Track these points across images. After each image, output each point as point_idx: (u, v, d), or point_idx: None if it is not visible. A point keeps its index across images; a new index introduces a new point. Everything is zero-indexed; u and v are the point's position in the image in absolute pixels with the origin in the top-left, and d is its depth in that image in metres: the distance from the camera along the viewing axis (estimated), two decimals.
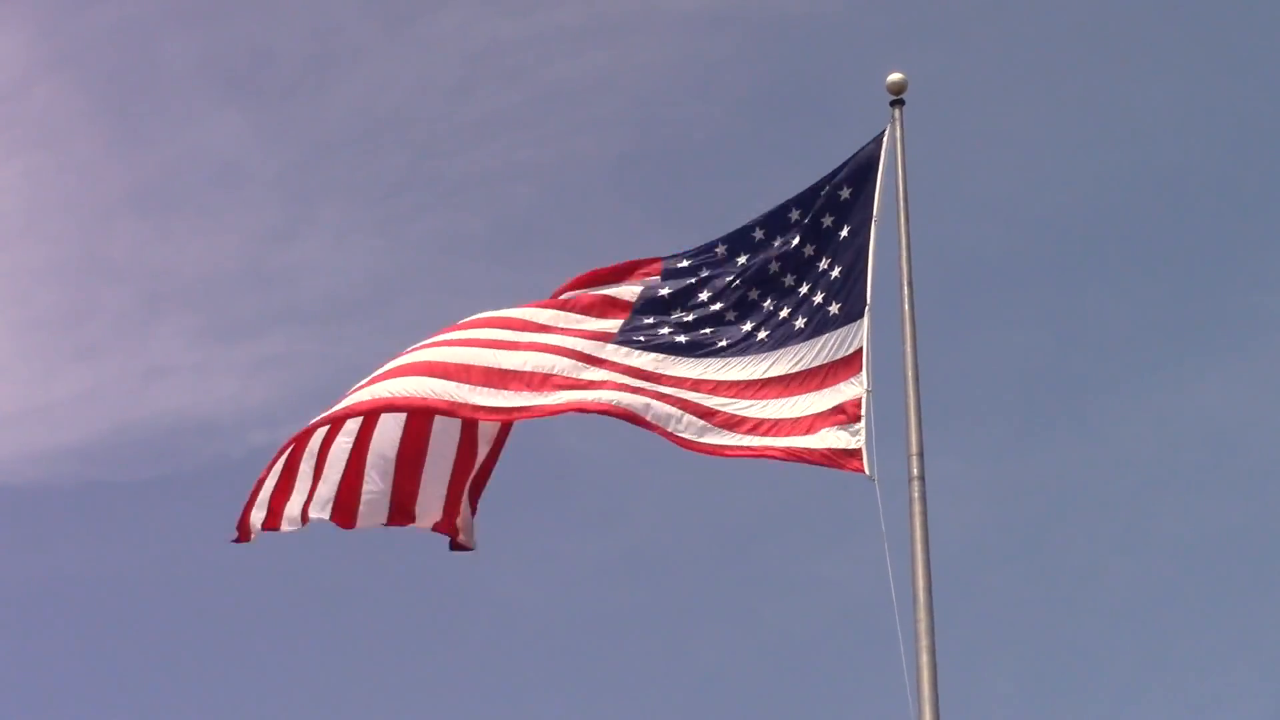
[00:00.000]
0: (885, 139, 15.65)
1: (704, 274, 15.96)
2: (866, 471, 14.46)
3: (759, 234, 15.98)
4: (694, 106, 38.58)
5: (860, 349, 14.99)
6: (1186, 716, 30.62)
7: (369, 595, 33.87)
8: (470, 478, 15.97)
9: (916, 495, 13.98)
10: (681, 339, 15.60)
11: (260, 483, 15.57)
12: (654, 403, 15.01)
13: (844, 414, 14.73)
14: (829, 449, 14.62)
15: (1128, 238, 37.23)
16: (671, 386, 15.21)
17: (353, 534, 15.86)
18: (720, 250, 16.03)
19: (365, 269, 37.20)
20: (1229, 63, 38.02)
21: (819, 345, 15.24)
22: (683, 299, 15.88)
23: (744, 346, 15.50)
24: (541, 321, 15.74)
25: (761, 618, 32.68)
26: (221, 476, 35.18)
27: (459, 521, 15.98)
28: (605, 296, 15.98)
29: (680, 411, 15.02)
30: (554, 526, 33.92)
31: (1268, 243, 36.12)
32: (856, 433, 14.63)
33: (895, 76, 15.72)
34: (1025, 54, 38.27)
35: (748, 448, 14.85)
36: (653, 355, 15.51)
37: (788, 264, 15.75)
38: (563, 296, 16.02)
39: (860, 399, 14.77)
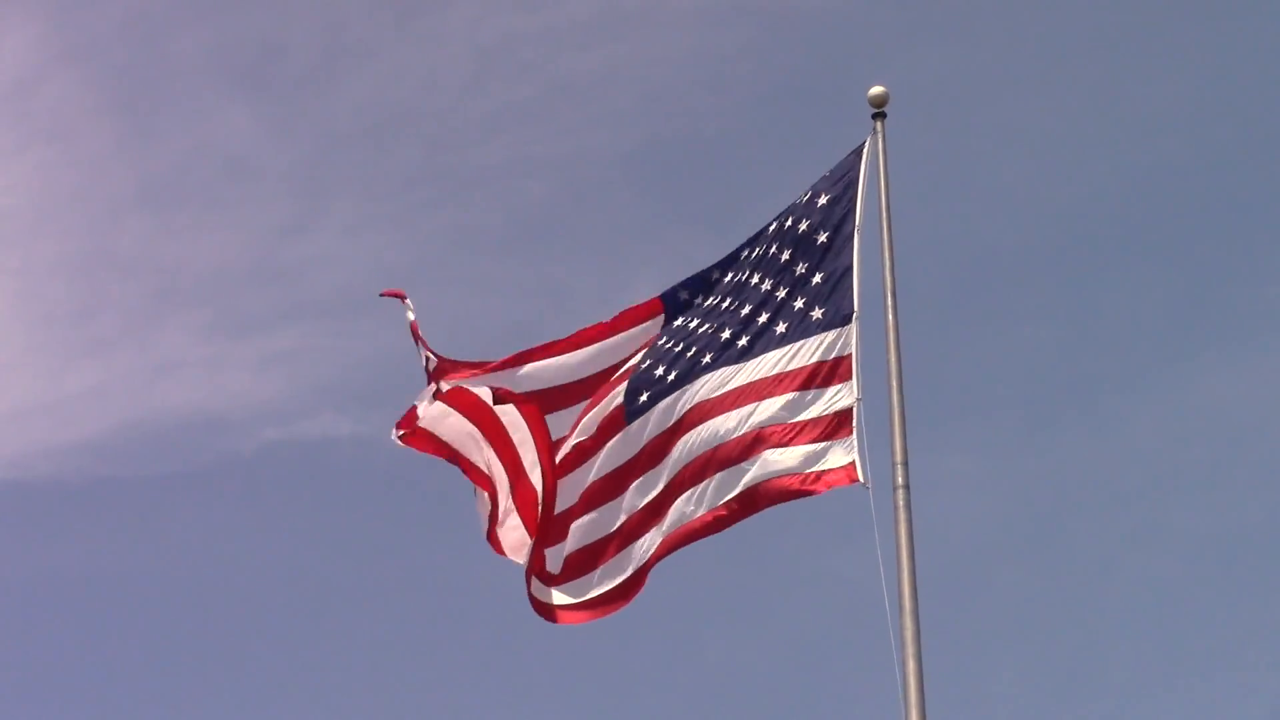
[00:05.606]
0: (866, 151, 15.64)
1: (701, 303, 16.13)
2: (861, 479, 14.48)
3: (746, 253, 16.08)
4: (706, 100, 38.67)
5: (849, 354, 14.92)
6: (1197, 713, 30.62)
7: (377, 592, 33.98)
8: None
9: (901, 504, 14.02)
10: (672, 375, 15.69)
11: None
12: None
13: (837, 429, 14.75)
14: (826, 472, 14.68)
15: (1137, 233, 37.26)
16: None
17: (359, 529, 15.88)
18: (715, 275, 16.19)
19: (376, 264, 37.32)
20: (1234, 58, 37.99)
21: (800, 348, 15.18)
22: (681, 333, 16.01)
23: (727, 356, 15.52)
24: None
25: (767, 613, 32.72)
26: (232, 472, 35.34)
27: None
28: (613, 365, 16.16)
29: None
30: None
31: (1277, 236, 36.11)
32: (850, 447, 14.64)
33: (876, 90, 15.68)
34: (1031, 50, 38.28)
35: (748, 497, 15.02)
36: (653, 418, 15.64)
37: (767, 271, 15.77)
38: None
39: (851, 410, 14.76)
